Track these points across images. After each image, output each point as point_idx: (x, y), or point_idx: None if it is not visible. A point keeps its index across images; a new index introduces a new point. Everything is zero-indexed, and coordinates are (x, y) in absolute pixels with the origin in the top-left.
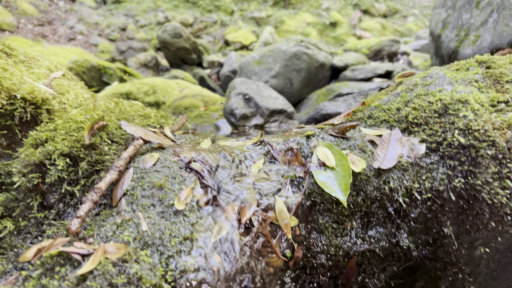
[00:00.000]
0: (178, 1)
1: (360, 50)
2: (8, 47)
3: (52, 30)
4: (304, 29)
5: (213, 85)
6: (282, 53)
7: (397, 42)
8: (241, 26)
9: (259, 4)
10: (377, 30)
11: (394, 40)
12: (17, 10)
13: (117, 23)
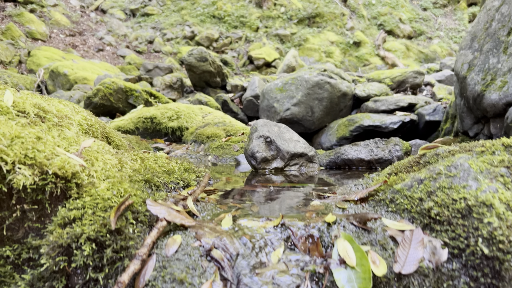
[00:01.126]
0: (205, 16)
1: (383, 80)
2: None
3: (82, 41)
4: (327, 48)
5: (235, 109)
6: (304, 81)
7: (421, 74)
8: (265, 43)
9: (284, 22)
10: (401, 51)
11: (418, 72)
12: (50, 20)
13: (144, 36)
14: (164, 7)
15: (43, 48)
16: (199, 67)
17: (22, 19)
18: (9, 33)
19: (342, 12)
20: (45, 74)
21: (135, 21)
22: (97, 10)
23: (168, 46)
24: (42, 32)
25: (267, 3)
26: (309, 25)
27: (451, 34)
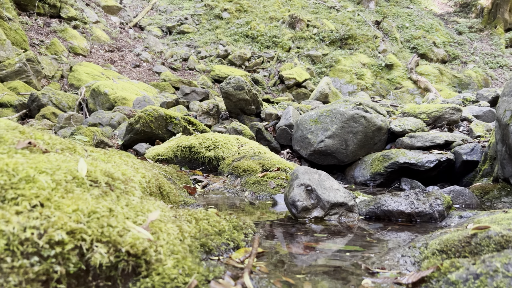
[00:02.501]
0: (238, 35)
1: (419, 115)
2: (111, 176)
3: (121, 56)
4: (359, 70)
5: (268, 137)
6: (339, 114)
7: (459, 111)
8: (297, 63)
9: (316, 43)
10: (434, 75)
11: (456, 109)
12: (91, 36)
13: (179, 53)
14: (199, 25)
15: (84, 64)
16: (235, 95)
17: (66, 34)
18: (53, 48)
19: (375, 34)
20: (87, 92)
21: (171, 38)
22: (135, 27)
23: (202, 64)
24: (84, 47)
25: (300, 24)
26: (341, 46)
27: (487, 59)
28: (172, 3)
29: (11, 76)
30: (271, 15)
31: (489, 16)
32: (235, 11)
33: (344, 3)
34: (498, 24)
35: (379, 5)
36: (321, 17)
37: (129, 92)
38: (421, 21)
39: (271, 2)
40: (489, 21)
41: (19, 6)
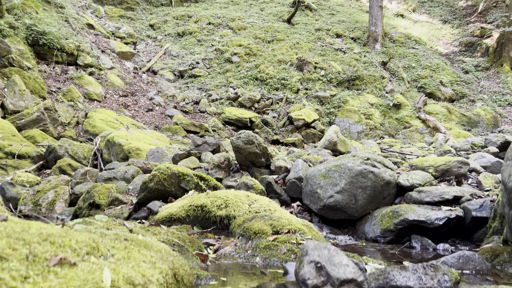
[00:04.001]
0: (248, 78)
1: (427, 169)
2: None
3: (134, 101)
4: (367, 110)
5: (278, 190)
6: (348, 170)
7: (466, 164)
8: (305, 104)
9: (323, 84)
10: (443, 114)
11: (463, 162)
12: (106, 82)
13: (191, 96)
14: (210, 69)
15: (99, 110)
16: (246, 149)
17: (82, 81)
18: (70, 95)
19: (382, 75)
20: (102, 142)
21: (183, 82)
22: (148, 72)
23: (213, 107)
24: (99, 93)
25: (307, 66)
26: (349, 87)
27: (495, 97)
28: (184, 48)
29: (29, 124)
30: (279, 58)
31: (495, 55)
32: (245, 55)
33: (351, 45)
34: (504, 62)
35: (385, 46)
36: (328, 59)
37: (142, 142)
38: (427, 61)
39: (279, 46)
40: (495, 60)
41: (38, 55)
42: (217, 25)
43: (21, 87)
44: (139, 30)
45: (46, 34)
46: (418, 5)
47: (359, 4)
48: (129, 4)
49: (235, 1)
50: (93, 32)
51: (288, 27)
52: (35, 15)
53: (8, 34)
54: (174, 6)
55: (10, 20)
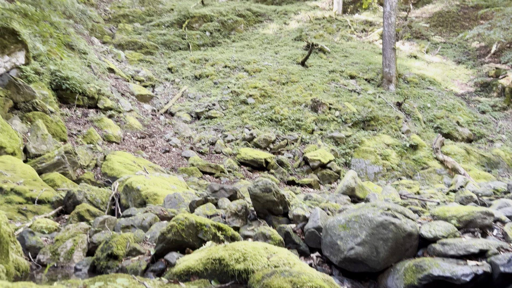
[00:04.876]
0: (263, 119)
1: (449, 219)
2: None
3: (151, 142)
4: (383, 150)
5: (297, 240)
6: (368, 221)
7: (491, 215)
8: (320, 145)
9: (338, 125)
10: (461, 154)
11: (487, 213)
12: (125, 124)
13: (207, 138)
14: (226, 110)
15: (117, 153)
16: (263, 197)
17: (101, 124)
18: (89, 137)
19: (397, 115)
20: (120, 187)
21: (200, 123)
22: (166, 113)
23: (229, 148)
24: (117, 135)
25: (322, 107)
26: (364, 128)
27: None
28: (201, 90)
29: (50, 168)
30: (294, 100)
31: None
32: (260, 97)
33: (365, 86)
34: None
35: (399, 87)
36: (343, 100)
37: (160, 186)
38: (443, 101)
39: (293, 87)
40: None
41: (61, 99)
42: (233, 68)
43: (44, 131)
44: (158, 73)
45: (69, 79)
46: (431, 46)
47: (372, 46)
48: (149, 48)
49: (250, 44)
50: (113, 76)
51: (302, 69)
52: (59, 61)
53: (33, 80)
54: (192, 50)
55: (36, 66)
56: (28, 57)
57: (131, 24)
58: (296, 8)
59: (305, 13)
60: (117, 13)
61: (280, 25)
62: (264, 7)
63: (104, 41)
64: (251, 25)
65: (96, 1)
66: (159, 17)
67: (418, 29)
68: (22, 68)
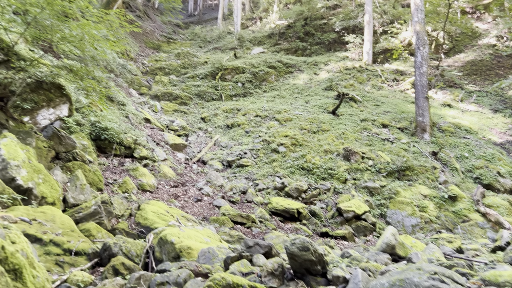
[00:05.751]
0: (294, 168)
1: (502, 284)
2: None
3: (184, 191)
4: (420, 202)
5: None
6: (414, 285)
7: None
8: (354, 195)
9: (372, 175)
10: (504, 207)
11: None
12: (159, 173)
13: (239, 186)
14: (257, 159)
15: (151, 202)
16: (300, 256)
17: (137, 173)
18: (124, 186)
19: (433, 165)
20: (154, 239)
21: (231, 171)
22: (198, 162)
23: (260, 197)
24: (151, 184)
25: (354, 156)
26: (399, 178)
27: None
28: (232, 139)
29: (86, 218)
30: (325, 148)
31: None
32: (291, 145)
33: (398, 135)
34: None
35: (434, 136)
36: (376, 149)
37: (193, 240)
38: (481, 150)
39: (324, 136)
40: None
41: (99, 149)
42: (264, 117)
43: (82, 181)
44: (191, 122)
45: (108, 130)
46: (465, 95)
47: (404, 95)
48: (183, 99)
49: (281, 94)
50: (149, 126)
51: (333, 118)
52: (99, 113)
53: (75, 131)
54: (224, 101)
55: (78, 118)
56: (71, 109)
57: (167, 76)
58: (326, 59)
59: (335, 64)
60: (154, 66)
61: (310, 75)
62: (294, 59)
63: (141, 93)
64: (282, 76)
65: (135, 55)
66: (193, 69)
67: (450, 78)
68: (65, 119)
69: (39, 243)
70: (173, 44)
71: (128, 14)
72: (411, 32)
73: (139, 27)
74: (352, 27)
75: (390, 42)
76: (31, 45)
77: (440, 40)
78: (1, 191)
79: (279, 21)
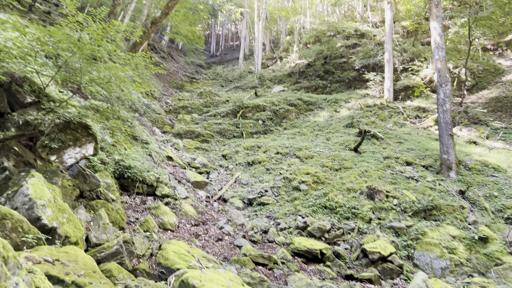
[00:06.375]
0: (316, 206)
1: None
2: None
3: (205, 230)
4: (449, 243)
5: None
6: None
7: None
8: (379, 235)
9: (397, 214)
10: None
11: None
12: (180, 212)
13: (260, 225)
14: (278, 197)
15: (172, 242)
16: None
17: (158, 211)
18: (146, 225)
19: (461, 204)
20: (175, 282)
21: (252, 209)
22: (219, 200)
23: (281, 236)
24: (172, 222)
25: (378, 195)
26: (426, 217)
27: None
28: (253, 176)
29: (108, 258)
30: (348, 187)
31: None
32: (313, 183)
33: (423, 173)
34: None
35: (460, 174)
36: (400, 187)
37: (215, 283)
38: (511, 189)
39: (347, 174)
40: None
41: (122, 187)
42: (285, 154)
43: (105, 221)
44: (213, 160)
45: (131, 168)
46: (491, 132)
47: (427, 132)
48: (205, 137)
49: (301, 132)
50: (171, 164)
51: (355, 156)
52: (123, 151)
53: (99, 169)
54: (245, 138)
55: (103, 157)
56: (96, 148)
57: (190, 115)
58: (347, 96)
59: (356, 101)
60: (177, 105)
61: (331, 112)
62: (314, 96)
63: (164, 131)
64: (302, 113)
65: (159, 94)
66: (215, 108)
67: (475, 115)
68: (90, 158)
69: (61, 285)
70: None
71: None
72: (432, 69)
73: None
74: (372, 65)
75: (411, 80)
76: (60, 87)
77: (462, 77)
78: (26, 230)
79: (299, 60)
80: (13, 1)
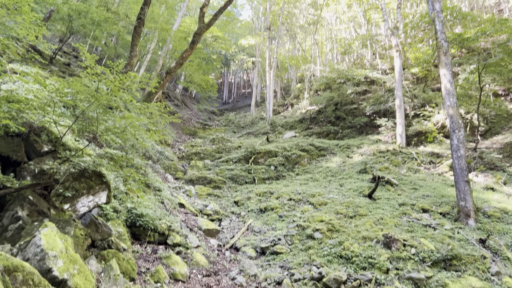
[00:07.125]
0: (332, 256)
1: None
2: None
3: (216, 281)
4: None
5: None
6: None
7: None
8: (398, 287)
9: (416, 264)
10: None
11: None
12: (191, 261)
13: (273, 276)
14: (292, 245)
15: None
16: None
17: (169, 261)
18: (157, 275)
19: (482, 254)
20: None
21: (265, 259)
22: (231, 248)
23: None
24: (183, 273)
25: (395, 244)
26: (446, 268)
27: None
28: (266, 224)
29: None
30: (364, 235)
31: None
32: (327, 231)
33: (440, 221)
34: None
35: (479, 222)
36: (418, 235)
37: None
38: None
39: (362, 221)
40: None
41: (133, 236)
42: (298, 200)
43: (116, 272)
44: (225, 206)
45: (144, 216)
46: (508, 178)
47: (443, 178)
48: (217, 183)
49: (314, 177)
50: (183, 211)
51: (370, 202)
52: (136, 199)
53: (111, 218)
54: (257, 184)
55: (115, 205)
56: (109, 196)
57: (202, 161)
58: (359, 142)
59: (368, 147)
60: (190, 151)
61: (343, 158)
62: (326, 142)
63: (176, 177)
64: (314, 159)
65: (172, 141)
66: (227, 154)
67: (490, 160)
68: (103, 206)
69: None
70: (208, 130)
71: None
72: (444, 115)
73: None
74: (383, 110)
75: (423, 125)
76: (76, 136)
77: (475, 123)
78: (37, 283)
79: (310, 106)
80: (35, 55)
